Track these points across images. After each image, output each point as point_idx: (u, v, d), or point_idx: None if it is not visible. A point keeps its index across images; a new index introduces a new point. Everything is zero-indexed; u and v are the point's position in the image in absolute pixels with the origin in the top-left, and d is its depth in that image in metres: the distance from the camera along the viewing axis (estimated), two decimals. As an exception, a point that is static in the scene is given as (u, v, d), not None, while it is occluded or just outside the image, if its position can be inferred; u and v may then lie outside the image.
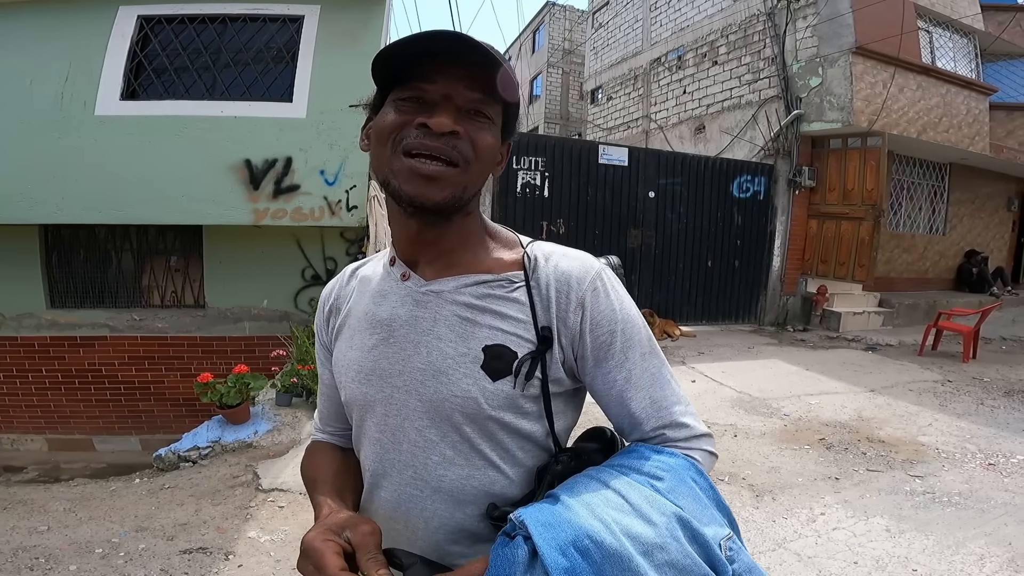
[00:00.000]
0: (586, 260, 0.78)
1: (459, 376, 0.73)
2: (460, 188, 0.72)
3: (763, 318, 8.71)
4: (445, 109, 0.70)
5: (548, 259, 0.77)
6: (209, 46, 5.20)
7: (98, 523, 3.05)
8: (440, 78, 0.69)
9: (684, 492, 0.68)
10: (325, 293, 0.91)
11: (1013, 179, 11.29)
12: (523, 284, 0.76)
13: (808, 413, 4.79)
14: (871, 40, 7.75)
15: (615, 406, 0.78)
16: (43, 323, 5.58)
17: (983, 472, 3.71)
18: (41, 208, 4.85)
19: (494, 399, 0.73)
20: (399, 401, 0.76)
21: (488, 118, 0.73)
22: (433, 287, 0.77)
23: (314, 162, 5.03)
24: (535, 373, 0.73)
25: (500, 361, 0.73)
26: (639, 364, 0.77)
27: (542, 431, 0.76)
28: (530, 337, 0.74)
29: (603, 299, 0.75)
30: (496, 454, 0.75)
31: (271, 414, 4.29)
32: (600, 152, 7.61)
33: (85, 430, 5.81)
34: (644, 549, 0.59)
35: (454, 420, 0.74)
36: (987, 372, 6.23)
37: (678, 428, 0.77)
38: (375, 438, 0.79)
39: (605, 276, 0.77)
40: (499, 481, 0.75)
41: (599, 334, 0.75)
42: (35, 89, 4.83)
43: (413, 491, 0.76)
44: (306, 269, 5.74)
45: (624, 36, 12.78)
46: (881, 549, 2.80)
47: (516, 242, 0.83)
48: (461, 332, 0.74)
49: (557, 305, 0.74)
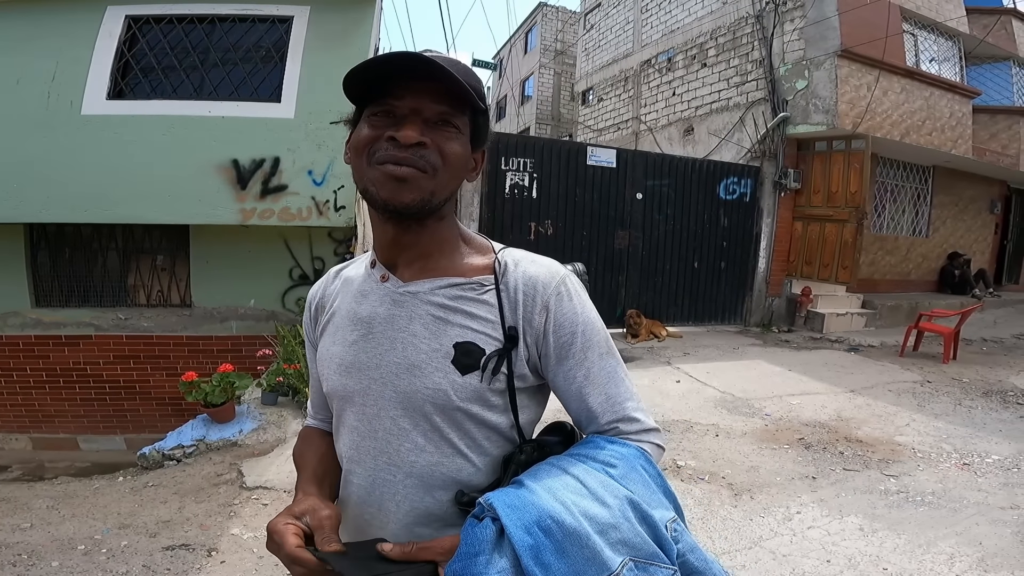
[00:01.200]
0: (552, 267, 0.85)
1: (431, 370, 0.79)
2: (428, 192, 0.77)
3: (748, 319, 8.79)
4: (412, 122, 0.75)
5: (517, 265, 0.84)
6: (197, 46, 5.21)
7: (81, 520, 3.06)
8: (407, 94, 0.75)
9: (635, 478, 0.74)
10: (312, 293, 0.98)
11: (995, 182, 11.44)
12: (493, 287, 0.82)
13: (789, 413, 4.86)
14: (857, 43, 7.83)
15: (574, 401, 0.84)
16: (28, 322, 5.56)
17: (957, 472, 3.77)
18: (26, 207, 4.84)
19: (463, 391, 0.78)
20: (376, 392, 0.81)
21: (455, 127, 0.78)
22: (410, 288, 0.83)
23: (302, 162, 5.05)
24: (501, 369, 0.79)
25: (469, 357, 0.79)
26: (597, 363, 0.83)
27: (507, 423, 0.82)
28: (498, 336, 0.80)
29: (566, 303, 0.82)
30: (464, 443, 0.80)
31: (256, 413, 4.31)
32: (588, 153, 7.65)
33: (70, 429, 5.79)
34: (600, 528, 0.65)
35: (425, 410, 0.79)
36: (966, 373, 6.31)
37: (630, 422, 0.84)
38: (353, 426, 0.84)
39: (569, 282, 0.84)
40: (466, 468, 0.80)
41: (561, 335, 0.81)
42: (22, 88, 4.83)
43: (387, 476, 0.81)
44: (293, 269, 5.75)
45: (615, 38, 12.84)
46: (854, 548, 2.84)
47: (489, 248, 0.88)
48: (434, 330, 0.80)
49: (524, 307, 0.81)
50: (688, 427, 4.45)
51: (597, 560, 0.63)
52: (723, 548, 2.82)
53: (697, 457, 3.90)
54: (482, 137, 0.85)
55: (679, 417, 4.67)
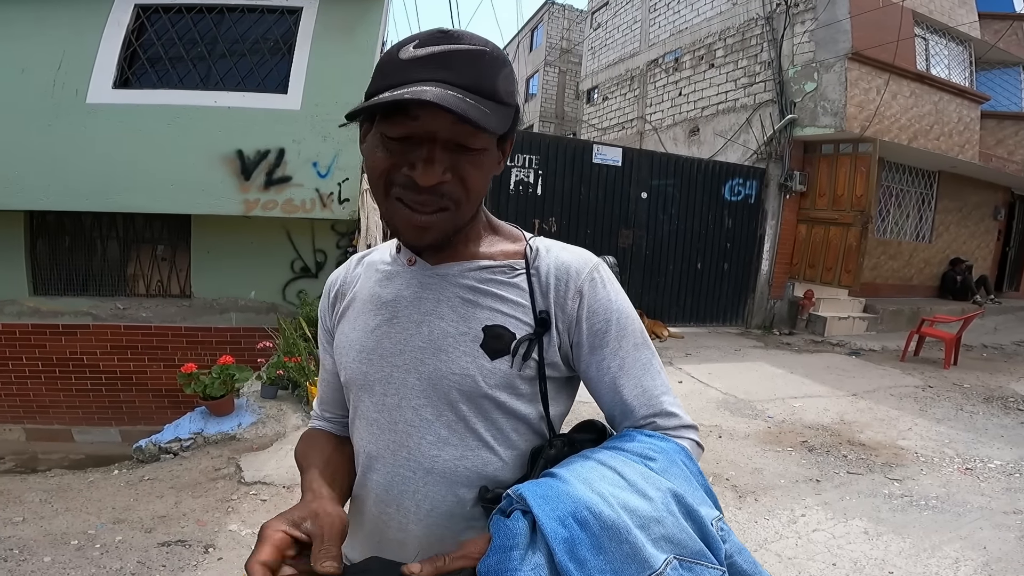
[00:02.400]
0: (584, 254, 0.82)
1: (458, 354, 0.75)
2: (452, 227, 0.74)
3: (750, 321, 8.76)
4: (431, 156, 0.68)
5: (549, 250, 0.81)
6: (205, 36, 5.15)
7: (74, 515, 3.02)
8: (424, 114, 0.66)
9: (676, 473, 0.69)
10: (332, 279, 0.93)
11: (1000, 188, 11.42)
12: (524, 271, 0.79)
13: (791, 416, 4.83)
14: (867, 46, 7.79)
15: (608, 393, 0.80)
16: (25, 310, 5.50)
17: (960, 476, 3.76)
18: (27, 194, 4.79)
19: (491, 377, 0.74)
20: (398, 380, 0.78)
21: (478, 149, 0.70)
22: (439, 270, 0.80)
23: (307, 154, 5.00)
24: (532, 355, 0.76)
25: (499, 341, 0.75)
26: (632, 353, 0.79)
27: (536, 414, 0.78)
28: (528, 320, 0.77)
29: (600, 290, 0.79)
30: (490, 434, 0.76)
31: (256, 406, 4.27)
32: (594, 152, 7.62)
33: (64, 420, 5.74)
34: (641, 522, 0.60)
35: (451, 397, 0.75)
36: (967, 378, 6.30)
37: (668, 417, 0.79)
38: (372, 418, 0.80)
39: (602, 269, 0.81)
40: (492, 462, 0.76)
41: (595, 322, 0.78)
42: (28, 76, 4.77)
43: (406, 472, 0.77)
44: (295, 261, 5.71)
45: (622, 37, 12.78)
46: (859, 551, 2.83)
47: (519, 235, 0.86)
48: (463, 312, 0.77)
49: (556, 292, 0.78)
50: (691, 429, 4.42)
51: (638, 557, 0.58)
52: (728, 552, 2.79)
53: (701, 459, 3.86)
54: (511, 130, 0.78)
55: (682, 418, 4.64)
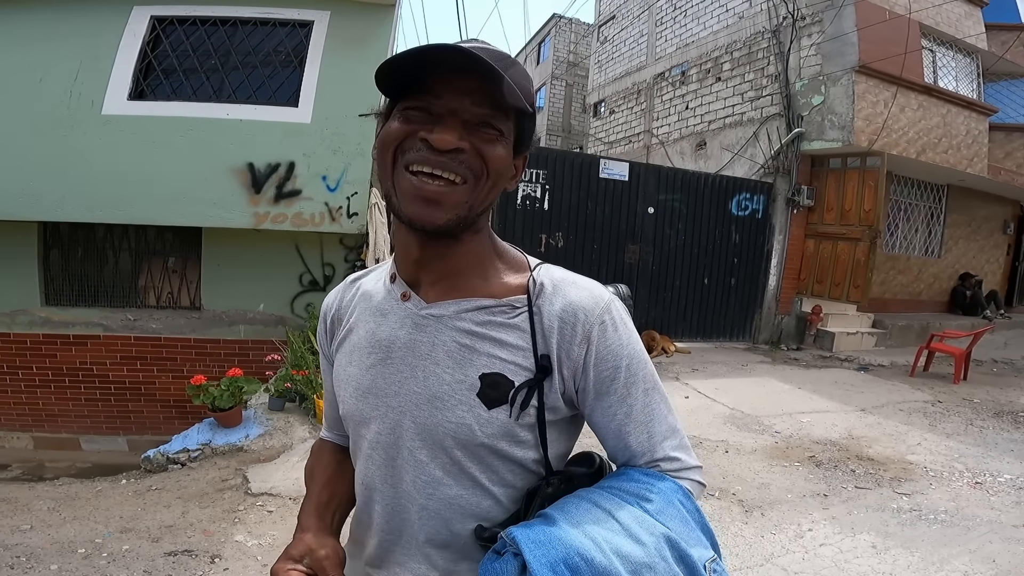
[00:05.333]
0: (595, 291, 0.76)
1: (454, 403, 0.72)
2: (465, 208, 0.70)
3: (757, 336, 8.72)
4: (450, 124, 0.68)
5: (556, 287, 0.76)
6: (219, 48, 5.24)
7: (82, 523, 3.04)
8: (446, 92, 0.67)
9: (672, 514, 0.69)
10: (326, 304, 0.91)
11: (1009, 202, 11.36)
12: (525, 310, 0.74)
13: (799, 431, 4.80)
14: (875, 59, 7.80)
15: (612, 439, 0.78)
16: (36, 320, 5.56)
17: (970, 490, 3.74)
18: (42, 205, 4.85)
19: (488, 427, 0.72)
20: (393, 420, 0.76)
21: (498, 131, 0.70)
22: (433, 311, 0.76)
23: (317, 167, 5.05)
24: (531, 402, 0.73)
25: (496, 390, 0.72)
26: (640, 400, 0.76)
27: (535, 457, 0.76)
28: (528, 365, 0.73)
29: (610, 334, 0.74)
30: (486, 476, 0.74)
31: (263, 418, 4.29)
32: (601, 166, 7.65)
33: (72, 429, 5.77)
34: (633, 568, 0.60)
35: (446, 445, 0.73)
36: (977, 393, 6.26)
37: (670, 462, 0.77)
38: (368, 454, 0.79)
39: (614, 309, 0.76)
40: (487, 501, 0.75)
41: (603, 369, 0.74)
42: (44, 86, 4.85)
43: (405, 504, 0.76)
44: (304, 274, 5.75)
45: (629, 50, 12.88)
46: (867, 565, 2.82)
47: (523, 264, 0.81)
48: (459, 359, 0.74)
49: (561, 336, 0.73)
50: (697, 443, 4.40)
51: None
52: (735, 565, 2.78)
53: (707, 473, 3.81)
54: (526, 142, 0.76)
55: (688, 433, 4.53)
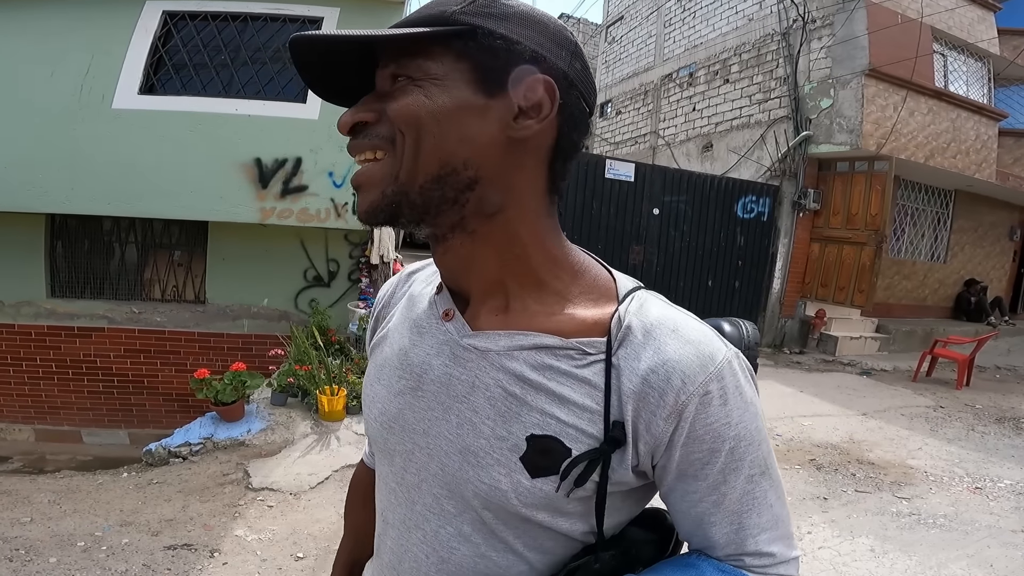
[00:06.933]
0: (705, 346, 0.56)
1: (490, 462, 0.57)
2: (393, 181, 0.55)
3: (760, 339, 8.67)
4: (357, 103, 0.58)
5: (649, 332, 0.56)
6: (229, 44, 5.26)
7: (82, 516, 3.05)
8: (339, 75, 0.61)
9: None
10: (381, 294, 0.79)
11: (1016, 208, 11.25)
12: (602, 359, 0.56)
13: (800, 434, 4.80)
14: (885, 62, 7.73)
15: (690, 524, 0.60)
16: (42, 312, 5.60)
17: (970, 495, 3.74)
18: (50, 197, 4.89)
19: (528, 496, 0.56)
20: (419, 461, 0.63)
21: (408, 77, 0.55)
22: (478, 342, 0.60)
23: (323, 163, 5.07)
24: (591, 476, 0.55)
25: (546, 457, 0.56)
26: (739, 488, 0.57)
27: (584, 529, 0.59)
28: (593, 432, 0.56)
29: (715, 410, 0.55)
30: (521, 542, 0.59)
31: (265, 413, 4.30)
32: (607, 166, 7.62)
33: (74, 422, 5.80)
34: None
35: (473, 504, 0.59)
36: (979, 399, 6.24)
37: (760, 557, 0.59)
38: (391, 487, 0.67)
39: (727, 375, 0.56)
40: (519, 567, 0.60)
41: (695, 450, 0.56)
42: (55, 80, 4.88)
43: (419, 553, 0.63)
44: (308, 270, 5.77)
45: (637, 51, 12.85)
46: (865, 569, 2.83)
47: (610, 289, 0.61)
48: (503, 410, 0.57)
49: (644, 401, 0.55)
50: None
51: None
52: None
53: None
54: (512, 61, 0.54)
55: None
